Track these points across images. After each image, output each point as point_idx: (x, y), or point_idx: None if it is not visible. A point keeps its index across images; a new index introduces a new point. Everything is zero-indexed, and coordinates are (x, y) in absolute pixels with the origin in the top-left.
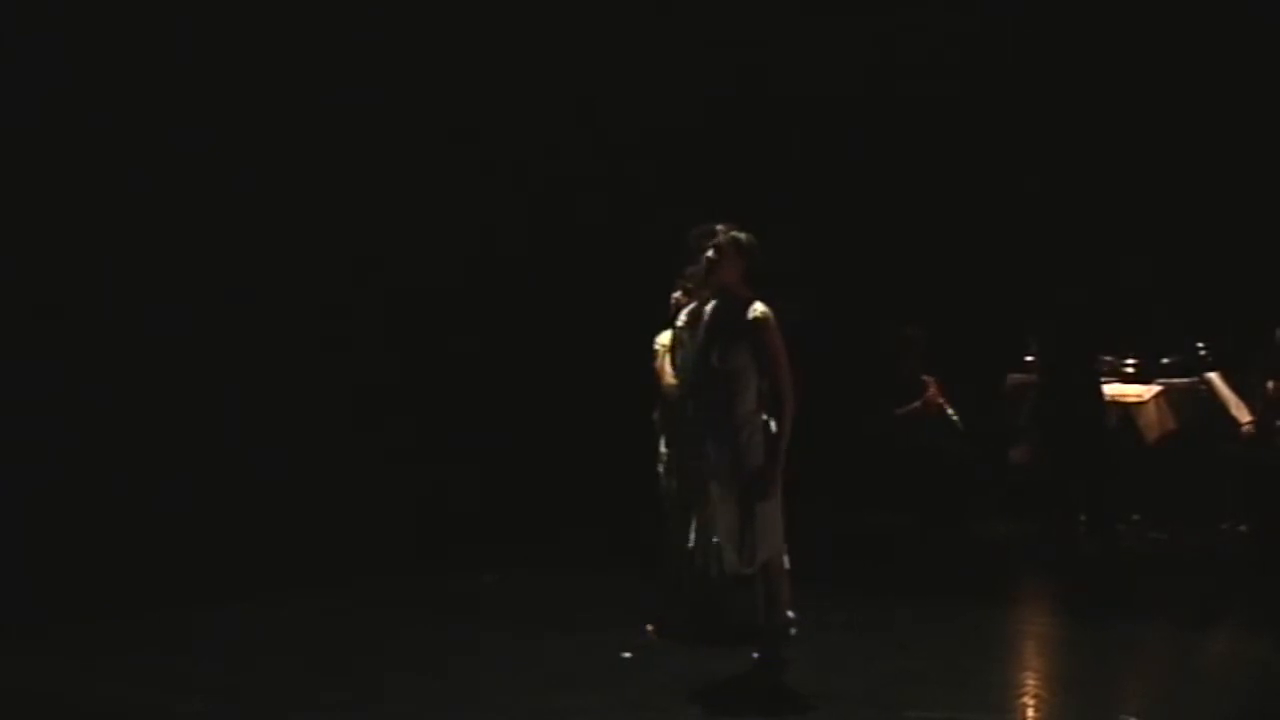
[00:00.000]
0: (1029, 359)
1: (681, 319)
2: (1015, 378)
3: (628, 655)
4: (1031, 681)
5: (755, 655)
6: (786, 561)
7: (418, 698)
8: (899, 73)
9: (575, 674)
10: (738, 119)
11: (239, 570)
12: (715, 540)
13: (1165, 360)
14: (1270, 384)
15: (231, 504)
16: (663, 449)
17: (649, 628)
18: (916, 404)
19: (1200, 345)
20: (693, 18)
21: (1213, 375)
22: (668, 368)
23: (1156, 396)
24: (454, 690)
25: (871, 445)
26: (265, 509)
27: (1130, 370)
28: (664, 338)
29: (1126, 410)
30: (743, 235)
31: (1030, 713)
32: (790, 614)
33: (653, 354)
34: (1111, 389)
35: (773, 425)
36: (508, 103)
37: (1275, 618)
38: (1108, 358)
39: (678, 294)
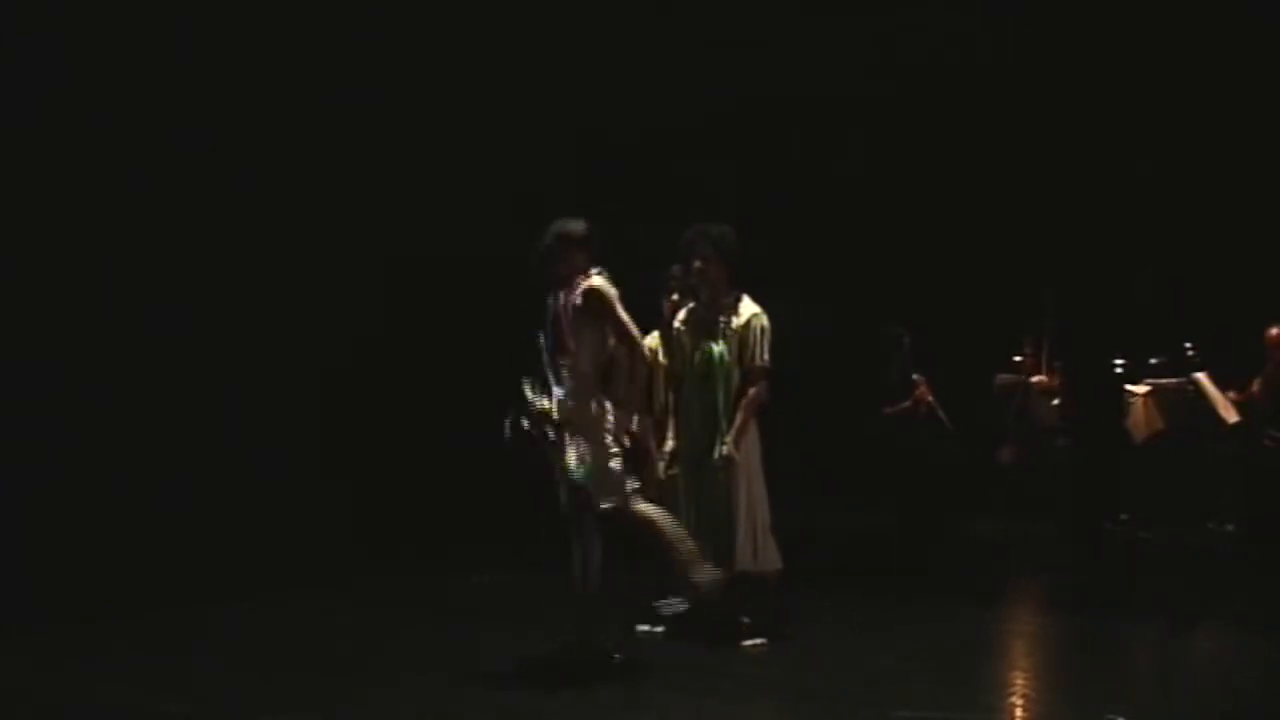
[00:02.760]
0: (1017, 359)
1: (678, 321)
2: (1004, 378)
3: (617, 658)
4: (1022, 680)
5: None
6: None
7: (410, 697)
8: (899, 73)
9: (569, 674)
10: (738, 119)
11: (239, 570)
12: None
13: (1153, 360)
14: (1257, 382)
15: (231, 504)
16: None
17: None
18: (906, 404)
19: (1188, 345)
20: (693, 18)
21: (1200, 375)
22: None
23: (1145, 396)
24: (446, 690)
25: (867, 445)
26: (265, 509)
27: (1118, 371)
28: (652, 340)
29: None
30: (724, 236)
31: (1021, 712)
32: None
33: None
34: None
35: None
36: (507, 102)
37: (1264, 616)
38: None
39: (675, 295)
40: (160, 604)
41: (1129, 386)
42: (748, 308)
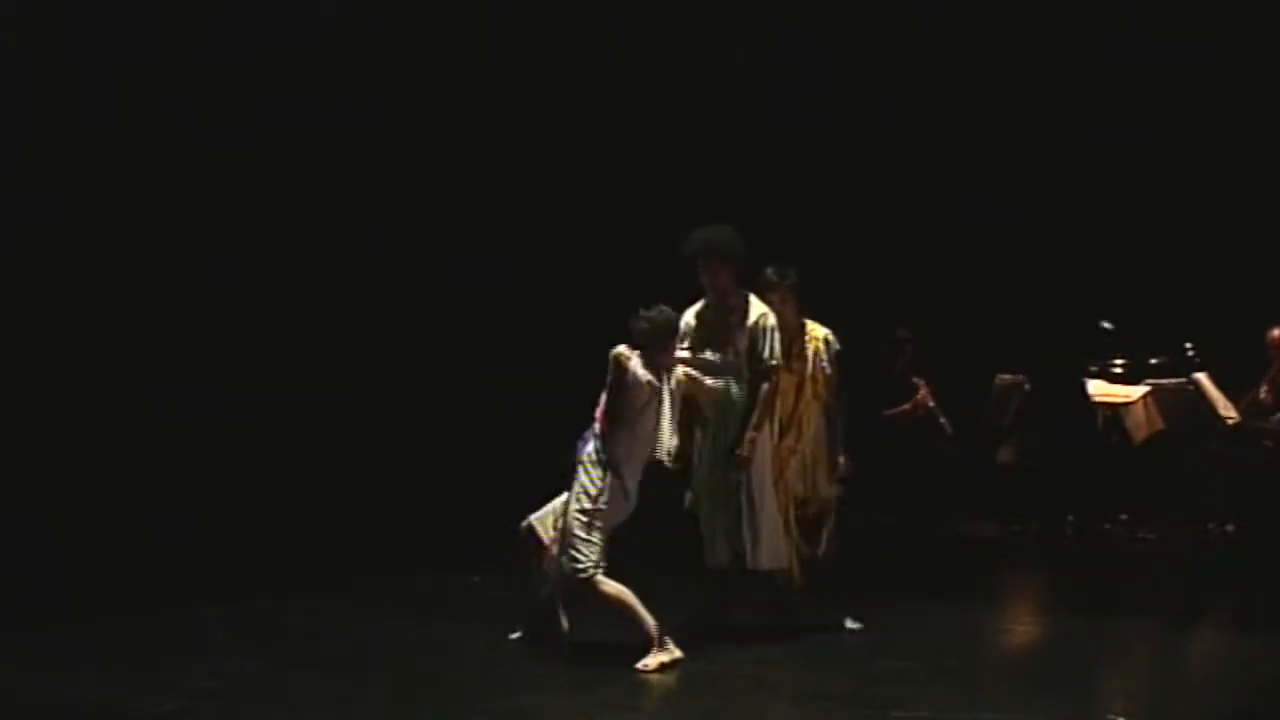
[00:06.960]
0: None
1: (690, 322)
2: (1003, 378)
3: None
4: (1019, 681)
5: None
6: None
7: (410, 697)
8: (896, 75)
9: (558, 675)
10: (741, 126)
11: (239, 570)
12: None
13: (1153, 361)
14: (1264, 387)
15: (232, 504)
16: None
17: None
18: (906, 406)
19: (1188, 346)
20: (703, 27)
21: (1201, 375)
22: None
23: (1144, 397)
24: (446, 690)
25: (867, 445)
26: (265, 509)
27: (1118, 371)
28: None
29: (1114, 410)
30: (728, 240)
31: (1017, 713)
32: None
33: None
34: (1099, 389)
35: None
36: (512, 106)
37: (1261, 617)
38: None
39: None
40: (158, 604)
41: (1110, 387)
42: (755, 308)
